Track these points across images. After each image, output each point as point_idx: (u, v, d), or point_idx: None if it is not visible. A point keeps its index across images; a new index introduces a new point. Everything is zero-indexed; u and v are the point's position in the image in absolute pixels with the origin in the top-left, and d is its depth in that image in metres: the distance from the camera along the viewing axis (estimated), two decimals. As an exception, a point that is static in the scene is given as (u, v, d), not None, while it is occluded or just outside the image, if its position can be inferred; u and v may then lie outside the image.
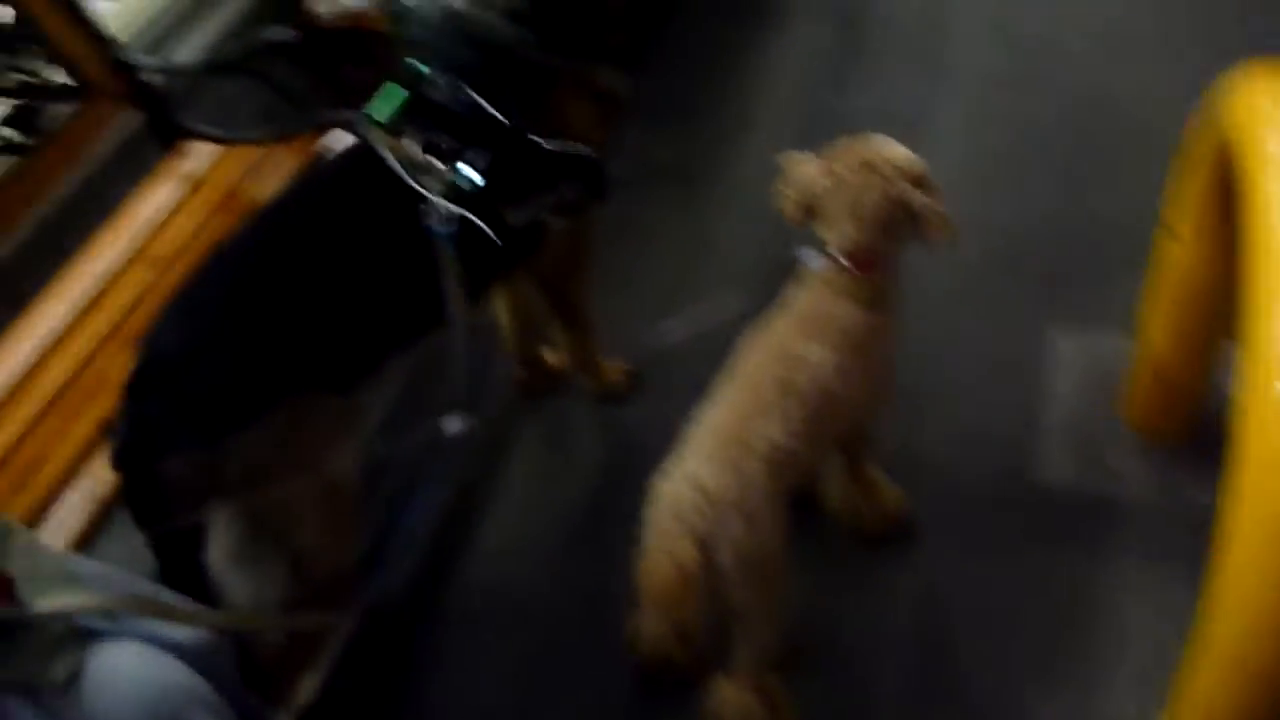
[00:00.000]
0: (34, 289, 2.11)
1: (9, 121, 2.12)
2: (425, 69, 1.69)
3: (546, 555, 2.16)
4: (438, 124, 1.66)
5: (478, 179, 1.66)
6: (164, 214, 2.20)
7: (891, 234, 1.63)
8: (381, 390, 2.07)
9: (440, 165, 1.63)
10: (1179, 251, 1.78)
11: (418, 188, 1.63)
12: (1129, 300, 2.23)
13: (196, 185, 2.26)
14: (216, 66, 2.30)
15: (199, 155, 2.35)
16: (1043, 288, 2.43)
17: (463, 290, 1.66)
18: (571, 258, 2.03)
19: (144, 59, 2.22)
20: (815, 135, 3.02)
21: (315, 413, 1.55)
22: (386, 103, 1.67)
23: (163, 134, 2.34)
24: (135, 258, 2.11)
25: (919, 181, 1.60)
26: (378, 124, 1.65)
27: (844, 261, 1.64)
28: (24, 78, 2.15)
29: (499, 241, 1.71)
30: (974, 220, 2.60)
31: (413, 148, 1.64)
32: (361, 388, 1.65)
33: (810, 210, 1.68)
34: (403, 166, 1.63)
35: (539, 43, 1.72)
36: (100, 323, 1.99)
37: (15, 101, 2.17)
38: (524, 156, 1.72)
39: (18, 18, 2.16)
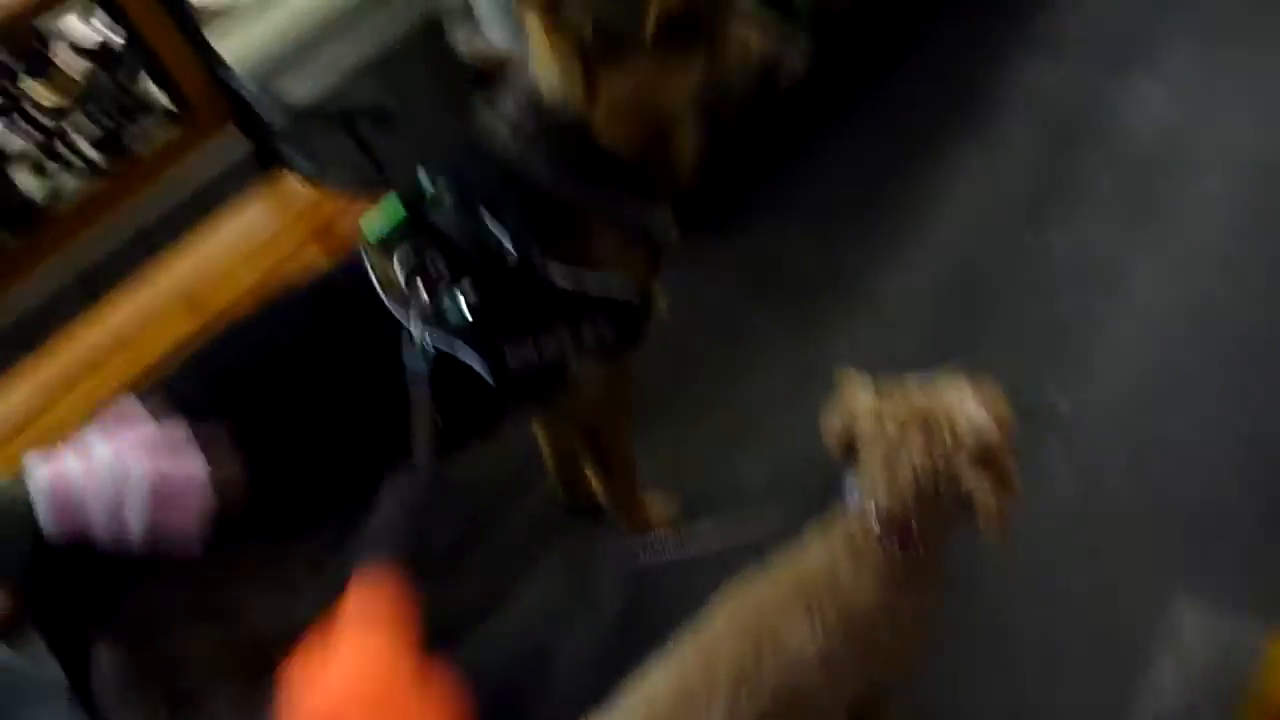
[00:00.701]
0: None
1: (100, 145, 2.10)
2: (428, 185, 1.49)
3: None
4: (435, 245, 1.46)
5: (465, 312, 1.46)
6: (235, 253, 2.13)
7: (932, 511, 1.31)
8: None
9: (422, 293, 1.44)
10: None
11: (397, 314, 1.44)
12: (1284, 591, 1.79)
13: (280, 222, 2.19)
14: (311, 114, 2.20)
15: (293, 192, 2.27)
16: (1185, 541, 1.95)
17: (439, 435, 1.47)
18: (604, 404, 1.78)
19: (251, 88, 2.16)
20: (989, 273, 2.65)
21: (237, 563, 1.40)
22: (385, 216, 1.48)
23: (265, 162, 2.28)
24: (180, 298, 2.04)
25: (986, 457, 1.27)
26: (369, 243, 1.47)
27: (875, 524, 1.34)
28: (122, 99, 2.12)
29: (491, 382, 1.50)
30: (1130, 434, 2.17)
31: (398, 270, 1.45)
32: (302, 538, 1.49)
33: (852, 451, 1.39)
34: (385, 290, 1.46)
35: (571, 170, 1.48)
36: (124, 365, 1.93)
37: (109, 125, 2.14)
38: (529, 292, 1.49)
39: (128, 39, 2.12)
